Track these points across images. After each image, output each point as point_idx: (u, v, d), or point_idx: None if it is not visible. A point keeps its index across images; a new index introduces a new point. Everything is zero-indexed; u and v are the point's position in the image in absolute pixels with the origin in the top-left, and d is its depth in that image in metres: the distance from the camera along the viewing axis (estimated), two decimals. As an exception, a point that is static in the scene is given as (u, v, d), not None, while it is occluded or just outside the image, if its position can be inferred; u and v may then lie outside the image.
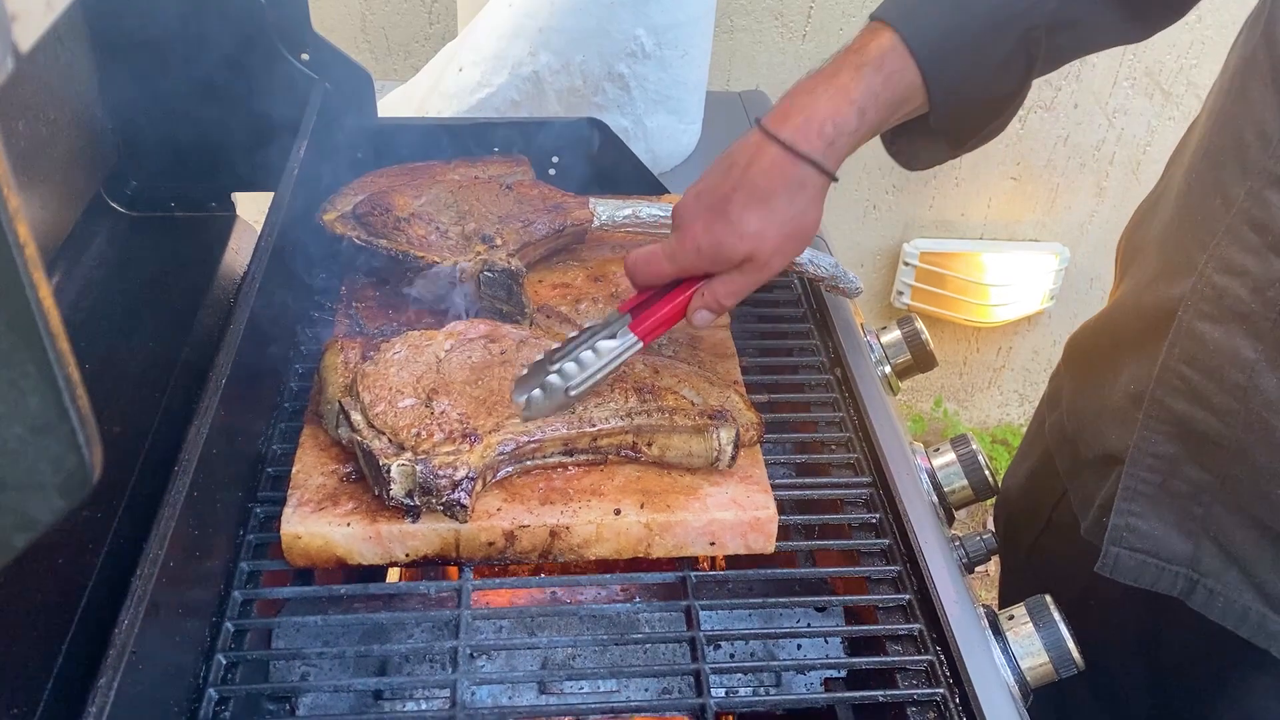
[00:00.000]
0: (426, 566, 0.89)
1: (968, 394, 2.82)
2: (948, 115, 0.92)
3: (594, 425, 0.89)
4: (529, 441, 0.88)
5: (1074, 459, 1.09)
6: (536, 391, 0.88)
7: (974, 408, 2.85)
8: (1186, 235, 0.93)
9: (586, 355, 0.89)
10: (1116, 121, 2.38)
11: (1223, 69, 0.96)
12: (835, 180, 0.89)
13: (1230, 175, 0.88)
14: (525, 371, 0.90)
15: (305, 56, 1.21)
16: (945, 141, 0.99)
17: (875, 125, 0.89)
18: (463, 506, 0.84)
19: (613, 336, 0.91)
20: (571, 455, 0.91)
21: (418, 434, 0.86)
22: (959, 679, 0.81)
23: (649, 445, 0.91)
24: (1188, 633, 0.99)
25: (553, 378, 0.88)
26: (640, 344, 0.91)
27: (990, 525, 2.67)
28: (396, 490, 0.83)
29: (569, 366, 0.89)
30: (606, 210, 1.17)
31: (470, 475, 0.84)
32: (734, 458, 0.91)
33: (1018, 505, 1.27)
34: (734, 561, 1.01)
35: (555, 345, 0.92)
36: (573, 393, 0.89)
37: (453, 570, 0.91)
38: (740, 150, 0.88)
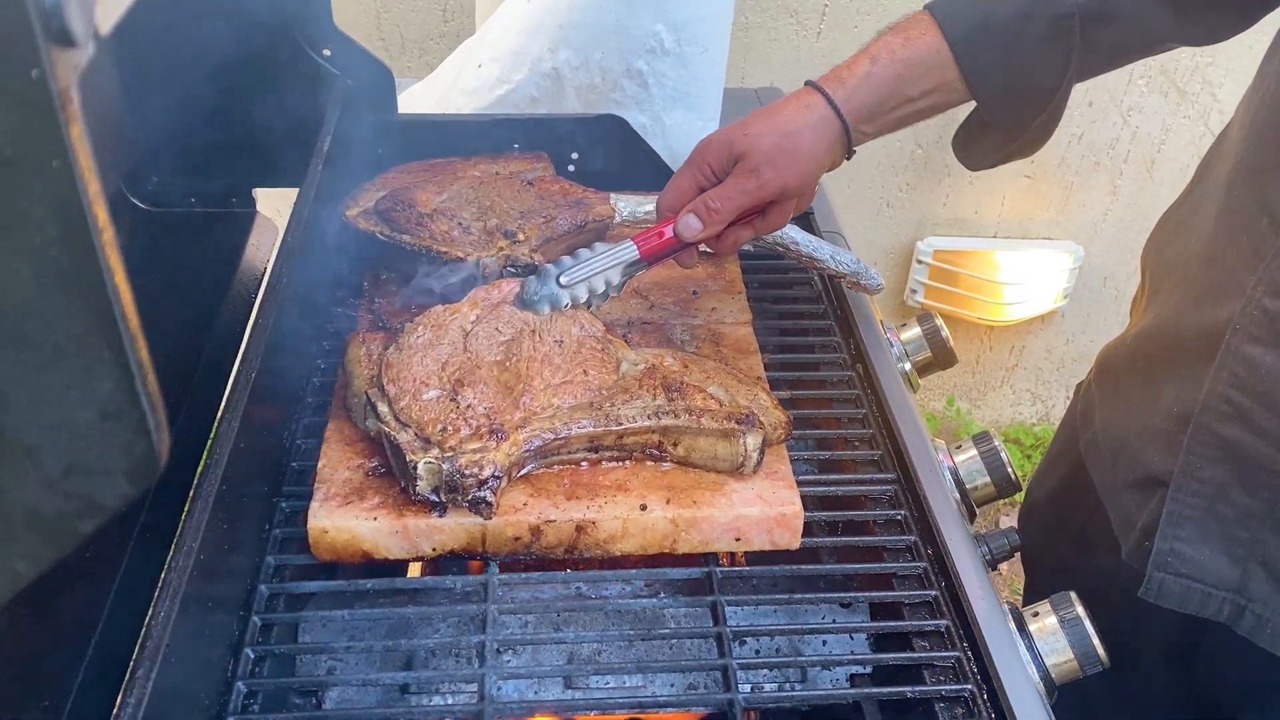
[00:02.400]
0: (452, 561, 0.89)
1: (980, 393, 2.82)
2: (987, 98, 0.96)
3: (620, 424, 0.89)
4: (555, 439, 0.88)
5: (1112, 480, 1.07)
6: (531, 277, 0.96)
7: (986, 406, 2.84)
8: (1232, 255, 0.91)
9: (584, 252, 0.98)
10: (1131, 120, 2.37)
11: (1258, 79, 0.94)
12: (844, 123, 0.96)
13: (1277, 194, 0.86)
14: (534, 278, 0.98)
15: (327, 52, 1.21)
16: (999, 135, 1.00)
17: (893, 80, 0.96)
18: (488, 504, 0.84)
19: None
20: (597, 453, 0.91)
21: (444, 429, 0.86)
22: (987, 675, 0.81)
23: (674, 446, 0.91)
24: (1227, 647, 0.98)
25: (548, 265, 0.97)
26: (635, 252, 0.97)
27: (1002, 523, 2.66)
28: (423, 487, 0.84)
29: (566, 259, 0.97)
30: (628, 205, 1.17)
31: (496, 474, 0.84)
32: (759, 463, 0.90)
33: (1046, 519, 1.25)
34: (758, 557, 1.00)
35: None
36: (563, 279, 0.95)
37: (477, 565, 0.91)
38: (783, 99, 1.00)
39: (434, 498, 0.84)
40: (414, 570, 1.05)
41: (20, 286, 0.26)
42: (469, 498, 0.84)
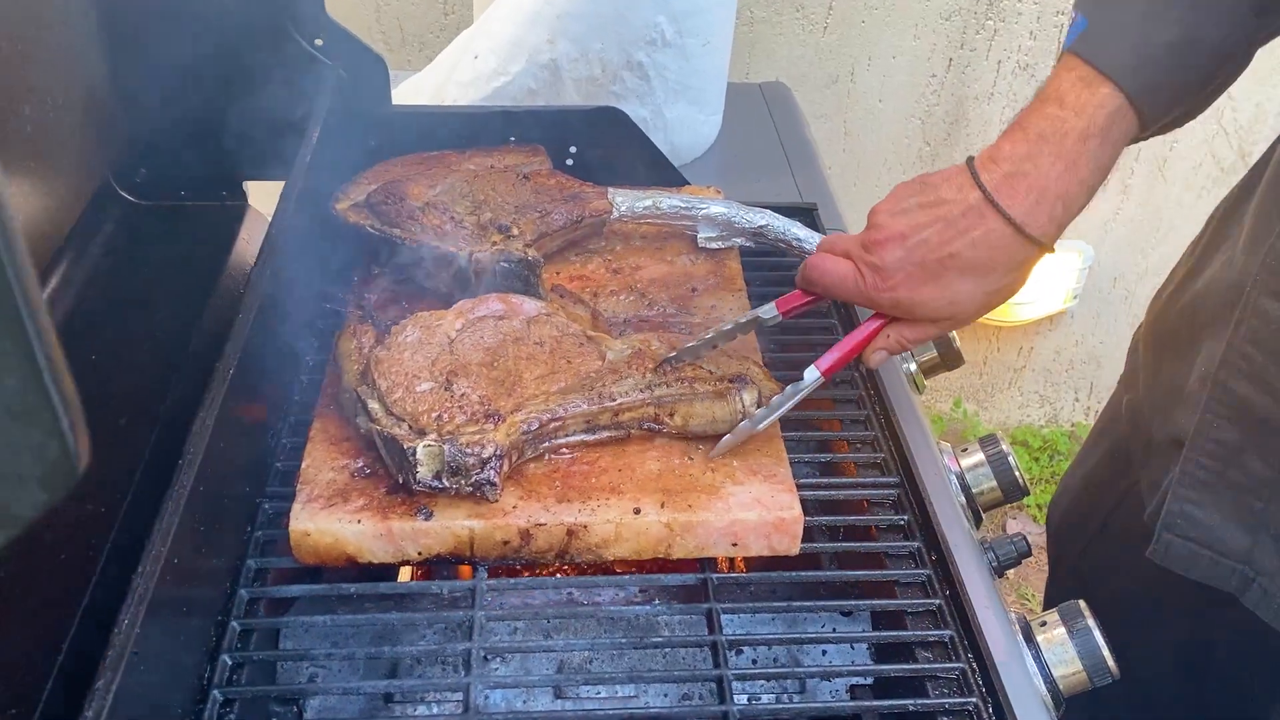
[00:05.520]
0: (444, 566, 0.87)
1: (988, 394, 2.78)
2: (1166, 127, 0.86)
3: (615, 400, 0.88)
4: (552, 419, 0.86)
5: (1147, 443, 1.04)
6: (727, 437, 0.89)
7: (994, 408, 2.81)
8: (1271, 206, 0.88)
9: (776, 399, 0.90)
10: (1142, 117, 2.33)
11: None
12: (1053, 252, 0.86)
13: None
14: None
15: (319, 42, 1.18)
16: None
17: (1101, 183, 0.84)
18: (493, 485, 0.82)
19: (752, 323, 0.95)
20: (594, 433, 0.89)
21: (439, 417, 0.85)
22: (992, 688, 0.78)
23: (671, 416, 0.90)
24: (1238, 644, 0.95)
25: (744, 423, 0.89)
26: (823, 380, 0.92)
27: (1010, 528, 2.63)
28: (424, 473, 0.81)
29: (759, 412, 0.90)
30: (626, 201, 1.14)
31: (498, 453, 0.82)
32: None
33: (1073, 507, 1.22)
34: (756, 563, 0.97)
35: (704, 333, 0.95)
36: (760, 427, 0.90)
37: (466, 570, 0.88)
38: (956, 205, 0.83)
39: (437, 484, 0.82)
40: (404, 575, 1.03)
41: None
42: (472, 480, 0.81)
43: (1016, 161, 0.82)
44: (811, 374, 0.90)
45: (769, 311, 0.94)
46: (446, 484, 0.82)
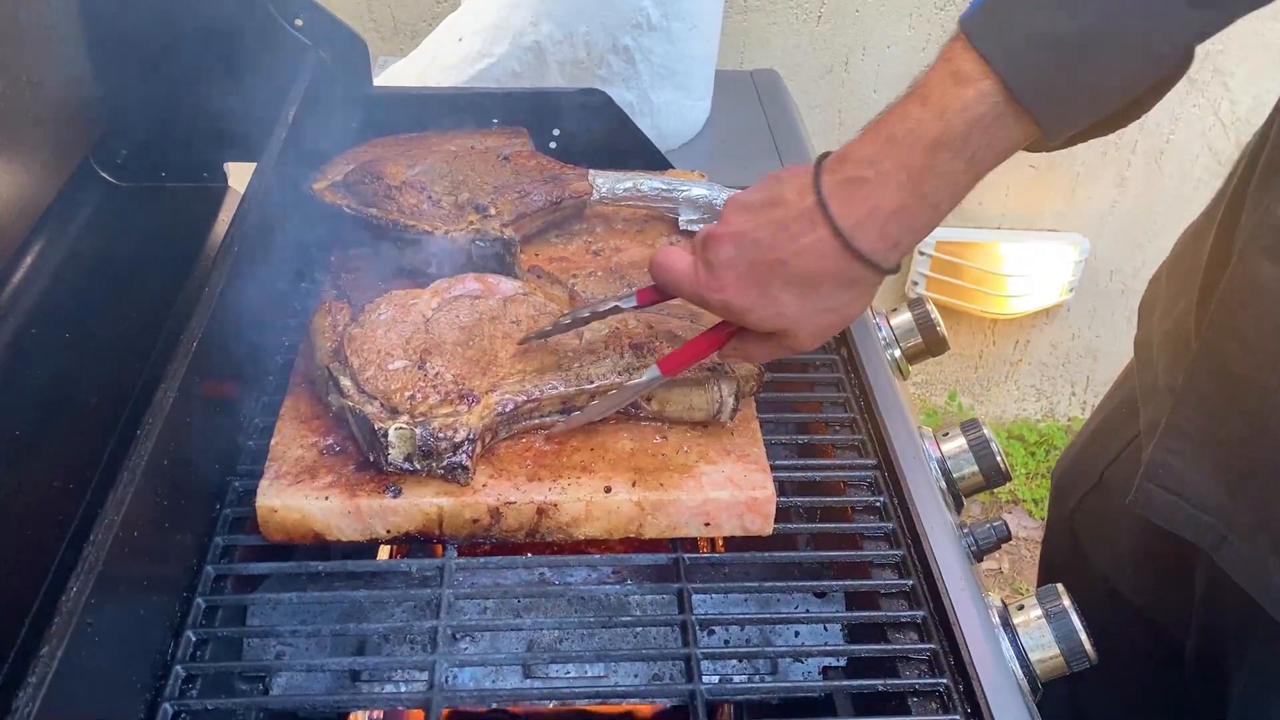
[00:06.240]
0: (410, 544, 0.86)
1: (983, 388, 2.77)
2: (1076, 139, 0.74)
3: (592, 382, 0.88)
4: (527, 401, 0.85)
5: (1152, 384, 1.01)
6: (560, 422, 0.87)
7: (990, 402, 2.79)
8: (1273, 163, 0.85)
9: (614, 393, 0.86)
10: (1139, 109, 2.32)
11: None
12: (894, 273, 0.76)
13: None
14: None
15: (299, 22, 1.17)
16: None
17: (957, 203, 0.73)
18: (464, 469, 0.82)
19: (617, 309, 0.86)
20: (569, 415, 0.88)
21: (412, 397, 0.84)
22: (963, 669, 0.77)
23: (648, 400, 0.90)
24: (1212, 609, 0.93)
25: (576, 413, 0.86)
26: (664, 378, 0.85)
27: (1003, 517, 2.62)
28: (395, 455, 0.81)
29: (592, 405, 0.87)
30: (606, 183, 1.13)
31: (471, 437, 0.81)
32: (735, 410, 0.89)
33: (1076, 460, 1.20)
34: (730, 544, 0.97)
35: (562, 315, 0.89)
36: (596, 417, 0.88)
37: (438, 548, 0.87)
38: (793, 207, 0.73)
39: (408, 466, 0.82)
40: (383, 555, 1.02)
41: None
42: (444, 463, 0.81)
43: (861, 165, 0.71)
44: (652, 371, 0.84)
45: (629, 302, 0.85)
46: (418, 466, 0.82)
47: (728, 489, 0.84)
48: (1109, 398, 1.19)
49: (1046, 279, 2.48)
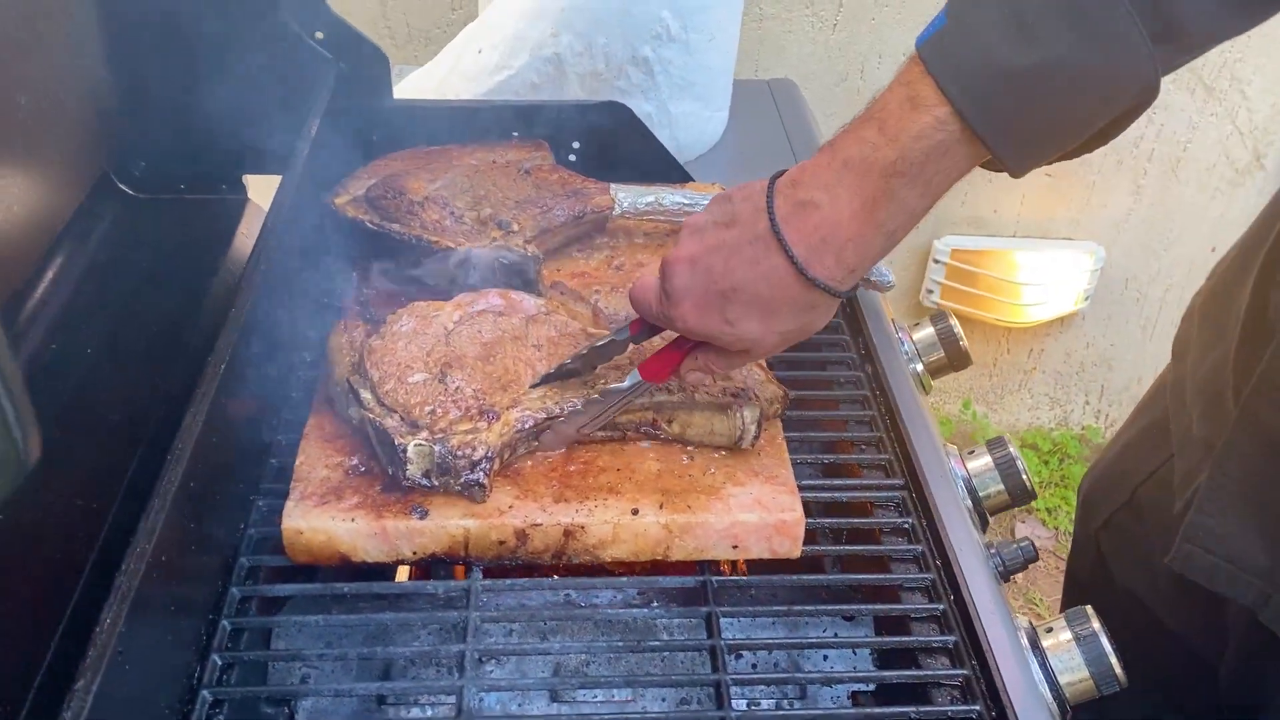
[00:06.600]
0: (442, 565, 0.85)
1: (997, 396, 2.75)
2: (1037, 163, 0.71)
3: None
4: (547, 419, 0.85)
5: (1187, 432, 0.99)
6: (547, 433, 0.86)
7: (1004, 410, 2.78)
8: None
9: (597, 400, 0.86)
10: (1156, 117, 2.30)
11: None
12: (851, 295, 0.75)
13: None
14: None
15: (320, 35, 1.17)
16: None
17: (912, 228, 0.72)
18: (481, 486, 0.81)
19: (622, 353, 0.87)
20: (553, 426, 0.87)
21: (432, 411, 0.84)
22: (996, 695, 0.76)
23: (669, 423, 0.89)
24: (1254, 631, 0.93)
25: (560, 422, 0.86)
26: (647, 384, 0.85)
27: (1018, 531, 2.61)
28: (413, 470, 0.80)
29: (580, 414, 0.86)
30: (628, 197, 1.12)
31: (489, 455, 0.81)
32: (757, 436, 0.88)
33: (1105, 474, 1.19)
34: (757, 566, 0.96)
35: (567, 359, 0.88)
36: (583, 431, 0.87)
37: (461, 570, 0.87)
38: (746, 231, 0.72)
39: (425, 482, 0.81)
40: (401, 575, 1.01)
41: None
42: (461, 480, 0.81)
43: (813, 189, 0.69)
44: (634, 377, 0.84)
45: (623, 334, 0.85)
46: (435, 483, 0.81)
47: (756, 511, 0.84)
48: (1139, 413, 1.17)
49: (1061, 287, 2.47)
